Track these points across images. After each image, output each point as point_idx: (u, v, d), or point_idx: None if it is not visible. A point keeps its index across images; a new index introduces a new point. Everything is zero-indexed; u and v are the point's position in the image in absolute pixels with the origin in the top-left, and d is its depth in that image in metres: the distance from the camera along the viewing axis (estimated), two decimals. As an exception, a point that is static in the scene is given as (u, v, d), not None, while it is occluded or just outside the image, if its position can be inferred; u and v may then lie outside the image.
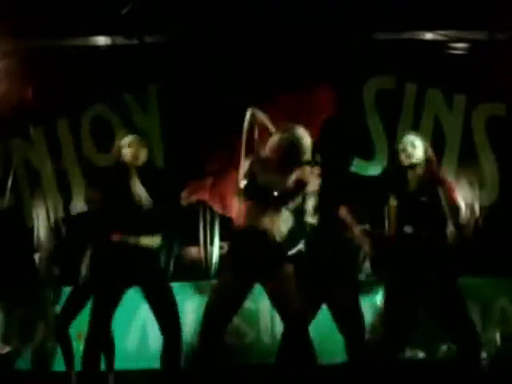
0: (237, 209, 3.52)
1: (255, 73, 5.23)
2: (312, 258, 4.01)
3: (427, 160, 3.94)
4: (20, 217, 5.44)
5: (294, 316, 3.43)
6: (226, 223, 5.13)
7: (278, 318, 3.64)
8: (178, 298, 4.04)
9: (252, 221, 3.45)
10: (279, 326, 3.81)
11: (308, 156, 3.53)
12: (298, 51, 5.26)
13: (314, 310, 4.06)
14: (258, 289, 3.61)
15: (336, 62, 5.30)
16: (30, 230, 5.40)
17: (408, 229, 3.83)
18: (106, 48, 5.40)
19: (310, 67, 5.27)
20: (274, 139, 3.52)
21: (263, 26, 5.10)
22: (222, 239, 5.24)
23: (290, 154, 3.48)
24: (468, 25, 5.21)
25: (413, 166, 3.92)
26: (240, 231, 3.51)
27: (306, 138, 3.52)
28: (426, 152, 3.95)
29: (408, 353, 4.79)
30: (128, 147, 3.99)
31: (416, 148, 3.92)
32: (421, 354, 4.96)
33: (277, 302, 3.49)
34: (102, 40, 5.39)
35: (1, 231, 5.32)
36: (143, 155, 4.02)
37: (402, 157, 3.94)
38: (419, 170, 3.92)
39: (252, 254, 3.43)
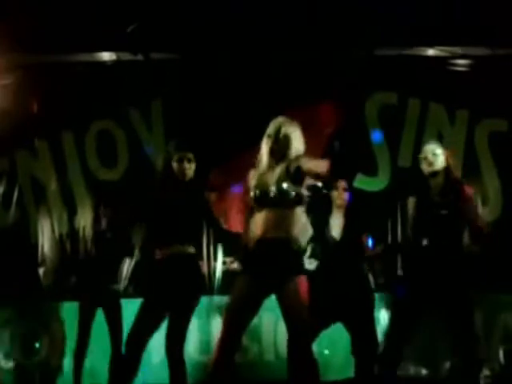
0: (248, 219, 3.47)
1: (259, 90, 5.26)
2: (330, 273, 4.06)
3: (447, 168, 3.88)
4: (25, 230, 5.45)
5: (300, 330, 3.40)
6: (230, 238, 5.12)
7: (281, 334, 3.60)
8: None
9: (267, 230, 3.42)
10: (282, 342, 3.79)
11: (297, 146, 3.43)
12: (301, 68, 5.31)
13: (326, 325, 4.09)
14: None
15: (339, 77, 5.33)
16: (35, 244, 5.41)
17: (424, 241, 3.81)
18: (112, 64, 5.47)
19: (313, 83, 5.31)
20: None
21: (268, 44, 5.15)
22: (225, 254, 5.24)
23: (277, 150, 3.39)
24: (470, 41, 5.24)
25: (434, 174, 3.85)
26: (255, 240, 3.46)
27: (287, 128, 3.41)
28: (446, 160, 3.92)
29: (411, 370, 4.78)
30: None
31: (437, 156, 3.91)
32: (424, 372, 4.97)
33: (286, 313, 3.47)
34: (107, 56, 5.46)
35: (6, 245, 5.34)
36: None
37: (424, 165, 3.89)
38: (440, 179, 3.86)
39: (268, 263, 3.40)
